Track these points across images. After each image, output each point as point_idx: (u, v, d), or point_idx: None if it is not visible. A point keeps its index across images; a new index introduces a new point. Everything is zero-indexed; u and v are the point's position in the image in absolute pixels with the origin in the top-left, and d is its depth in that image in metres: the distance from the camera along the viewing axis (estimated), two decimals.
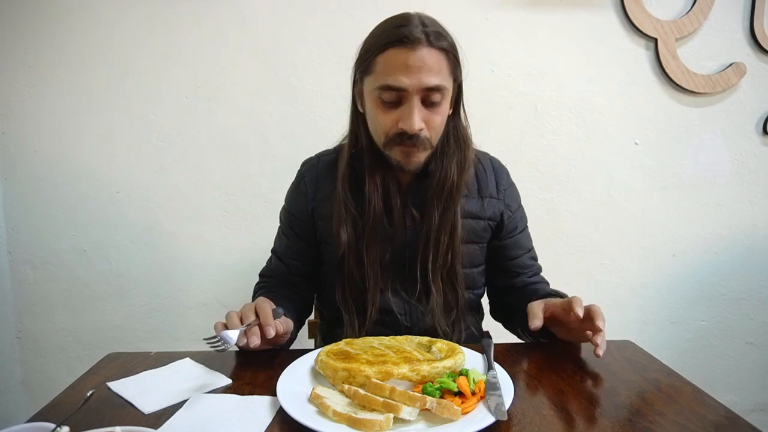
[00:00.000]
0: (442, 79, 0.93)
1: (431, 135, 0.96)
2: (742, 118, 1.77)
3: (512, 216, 1.12)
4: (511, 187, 1.14)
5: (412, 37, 0.90)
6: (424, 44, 0.90)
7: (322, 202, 1.07)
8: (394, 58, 0.91)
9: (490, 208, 1.09)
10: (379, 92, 0.93)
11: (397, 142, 0.95)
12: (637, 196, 1.80)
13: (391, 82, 0.91)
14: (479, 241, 1.10)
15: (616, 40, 1.70)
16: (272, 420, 0.68)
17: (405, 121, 0.92)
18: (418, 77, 0.90)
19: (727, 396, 1.88)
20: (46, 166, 1.64)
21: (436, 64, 0.92)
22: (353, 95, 1.04)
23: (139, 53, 1.60)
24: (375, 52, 0.93)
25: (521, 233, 1.14)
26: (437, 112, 0.95)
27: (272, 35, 1.62)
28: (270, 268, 1.16)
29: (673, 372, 0.83)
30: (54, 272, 1.69)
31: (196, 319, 1.74)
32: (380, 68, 0.93)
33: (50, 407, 0.72)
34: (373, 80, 0.95)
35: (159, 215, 1.69)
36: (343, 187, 1.03)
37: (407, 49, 0.90)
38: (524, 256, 1.14)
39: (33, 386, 1.75)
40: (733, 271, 1.86)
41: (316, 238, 1.11)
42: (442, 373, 0.73)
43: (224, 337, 0.80)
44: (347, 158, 1.04)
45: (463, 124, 1.05)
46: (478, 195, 1.08)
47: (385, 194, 1.02)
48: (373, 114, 0.97)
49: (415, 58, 0.90)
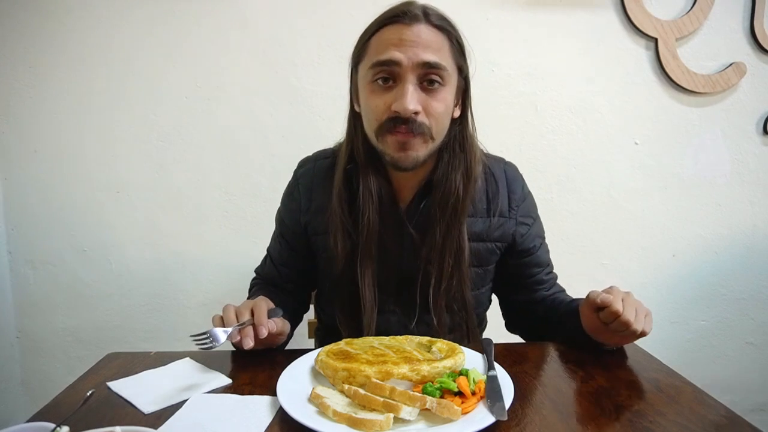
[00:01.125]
0: (441, 57, 0.84)
1: (431, 123, 0.86)
2: (742, 118, 1.77)
3: (526, 235, 1.02)
4: (525, 201, 1.04)
5: (410, 13, 0.84)
6: (421, 20, 0.83)
7: (316, 214, 1.01)
8: (387, 33, 0.84)
9: (498, 230, 0.99)
10: (371, 73, 0.86)
11: (389, 128, 0.86)
12: (637, 196, 1.80)
13: (382, 57, 0.83)
14: (484, 264, 1.02)
15: (616, 40, 1.70)
16: (272, 420, 0.68)
17: (398, 102, 0.83)
18: (413, 50, 0.82)
19: (727, 396, 1.86)
20: (46, 166, 1.64)
21: (435, 41, 0.84)
22: (350, 95, 0.98)
23: (139, 53, 1.60)
24: (369, 33, 0.88)
25: (539, 250, 1.05)
26: (437, 97, 0.86)
27: (272, 35, 1.62)
28: (264, 269, 1.14)
29: (673, 372, 0.83)
30: (54, 272, 1.69)
31: (196, 319, 1.74)
32: (373, 47, 0.86)
33: (50, 407, 0.72)
34: (366, 63, 0.88)
35: (159, 215, 1.69)
36: (339, 200, 0.95)
37: (402, 25, 0.83)
38: (542, 273, 1.06)
39: (33, 386, 1.75)
40: (733, 271, 1.86)
41: (309, 249, 1.06)
42: (442, 373, 0.73)
43: (213, 334, 0.79)
44: (342, 169, 0.96)
45: (470, 131, 0.96)
46: (487, 214, 0.99)
47: (381, 206, 0.94)
48: (366, 101, 0.88)
49: (410, 32, 0.83)
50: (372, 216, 0.94)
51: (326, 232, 0.98)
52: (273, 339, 0.88)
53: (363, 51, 0.89)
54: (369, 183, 0.93)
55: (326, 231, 0.98)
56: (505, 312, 1.15)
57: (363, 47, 0.89)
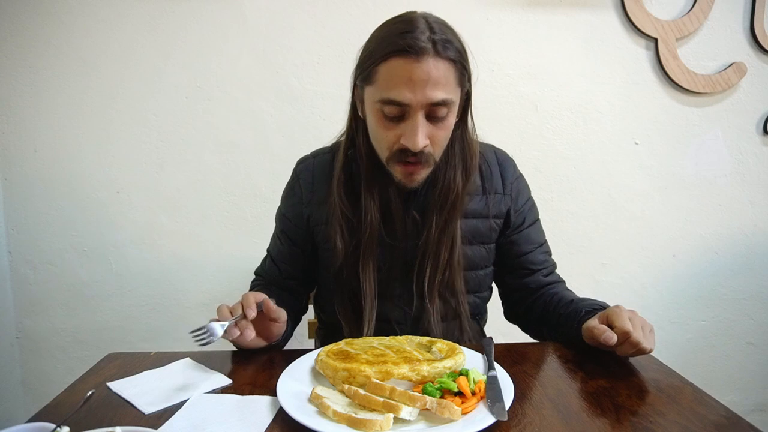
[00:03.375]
0: (448, 92, 0.87)
1: (435, 151, 0.92)
2: (742, 118, 1.77)
3: (519, 210, 1.07)
4: (518, 180, 1.09)
5: (417, 47, 0.83)
6: (430, 54, 0.84)
7: (318, 206, 1.04)
8: (396, 69, 0.85)
9: (495, 206, 1.04)
10: (380, 105, 0.88)
11: (398, 159, 0.91)
12: (637, 196, 1.80)
13: (393, 96, 0.85)
14: (485, 241, 1.05)
15: (617, 40, 1.70)
16: (272, 420, 0.68)
17: (408, 139, 0.87)
18: (422, 92, 0.84)
19: (727, 396, 1.88)
20: (46, 166, 1.64)
21: (443, 76, 0.85)
22: (352, 98, 0.99)
23: (139, 53, 1.60)
24: (377, 60, 0.87)
25: (531, 227, 1.08)
26: (442, 127, 0.90)
27: (272, 35, 1.62)
28: (264, 268, 1.14)
29: (673, 372, 0.83)
30: (54, 272, 1.69)
31: (196, 319, 1.74)
32: (382, 79, 0.87)
33: (50, 407, 0.72)
34: (374, 91, 0.89)
35: (159, 215, 1.69)
36: (339, 192, 0.99)
37: (411, 60, 0.83)
38: (536, 251, 1.08)
39: (33, 386, 1.75)
40: (733, 271, 1.86)
41: (311, 243, 1.08)
42: (442, 373, 0.73)
43: (210, 328, 0.79)
44: (342, 161, 1.00)
45: (470, 132, 1.00)
46: (483, 193, 1.04)
47: (383, 204, 0.98)
48: (375, 128, 0.92)
49: (420, 71, 0.83)
50: (374, 215, 0.97)
51: (328, 223, 1.01)
52: (270, 331, 0.89)
53: (371, 76, 0.89)
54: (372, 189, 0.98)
55: (328, 222, 1.01)
56: (504, 298, 1.16)
57: (371, 72, 0.89)
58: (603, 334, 0.81)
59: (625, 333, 0.80)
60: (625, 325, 0.81)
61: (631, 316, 0.83)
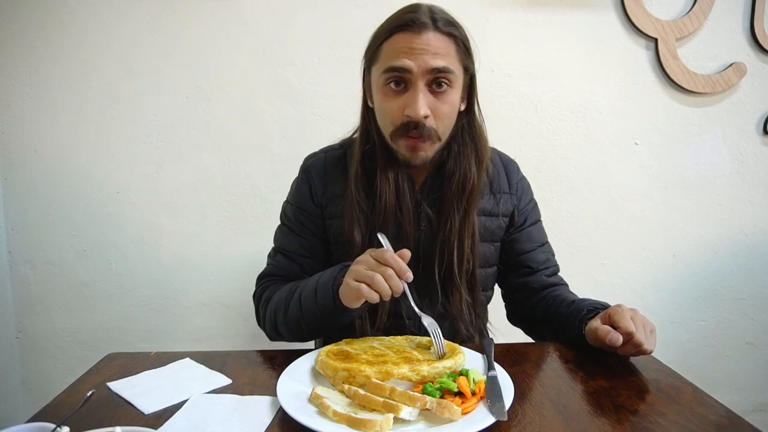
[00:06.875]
0: (448, 62, 0.90)
1: (438, 127, 0.93)
2: (742, 118, 1.77)
3: (522, 209, 1.10)
4: (522, 181, 1.13)
5: (419, 21, 0.89)
6: (429, 28, 0.89)
7: (333, 200, 1.04)
8: (398, 41, 0.90)
9: (503, 205, 1.07)
10: (384, 78, 0.92)
11: (402, 133, 0.93)
12: (637, 196, 1.80)
13: (394, 63, 0.90)
14: (494, 239, 1.07)
15: (616, 40, 1.70)
16: (272, 420, 0.68)
17: (410, 107, 0.90)
18: (422, 58, 0.88)
19: (727, 396, 1.87)
20: (45, 166, 1.64)
21: (443, 47, 0.90)
22: (363, 90, 1.02)
23: (139, 53, 1.60)
24: (381, 38, 0.93)
25: (533, 226, 1.11)
26: (445, 100, 0.92)
27: (272, 35, 1.62)
28: (277, 267, 1.09)
29: (673, 372, 0.83)
30: (54, 272, 1.69)
31: (196, 319, 1.74)
32: (385, 53, 0.92)
33: (50, 407, 0.72)
34: (379, 67, 0.94)
35: (159, 215, 1.69)
36: (356, 186, 0.99)
37: (412, 33, 0.89)
38: (537, 250, 1.10)
39: (33, 386, 1.75)
40: (733, 271, 1.86)
41: (326, 235, 1.07)
42: (442, 373, 0.73)
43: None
44: (359, 156, 1.01)
45: (478, 121, 1.03)
46: (491, 192, 1.06)
47: (397, 191, 0.99)
48: (380, 103, 0.95)
49: (419, 40, 0.89)
50: (389, 198, 0.98)
51: (343, 217, 1.01)
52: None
53: (376, 55, 0.95)
54: (387, 173, 0.99)
55: (342, 215, 1.01)
56: (507, 299, 1.17)
57: (376, 51, 0.95)
58: (608, 335, 0.82)
59: (629, 333, 0.81)
60: (629, 326, 0.81)
61: (633, 315, 0.84)
